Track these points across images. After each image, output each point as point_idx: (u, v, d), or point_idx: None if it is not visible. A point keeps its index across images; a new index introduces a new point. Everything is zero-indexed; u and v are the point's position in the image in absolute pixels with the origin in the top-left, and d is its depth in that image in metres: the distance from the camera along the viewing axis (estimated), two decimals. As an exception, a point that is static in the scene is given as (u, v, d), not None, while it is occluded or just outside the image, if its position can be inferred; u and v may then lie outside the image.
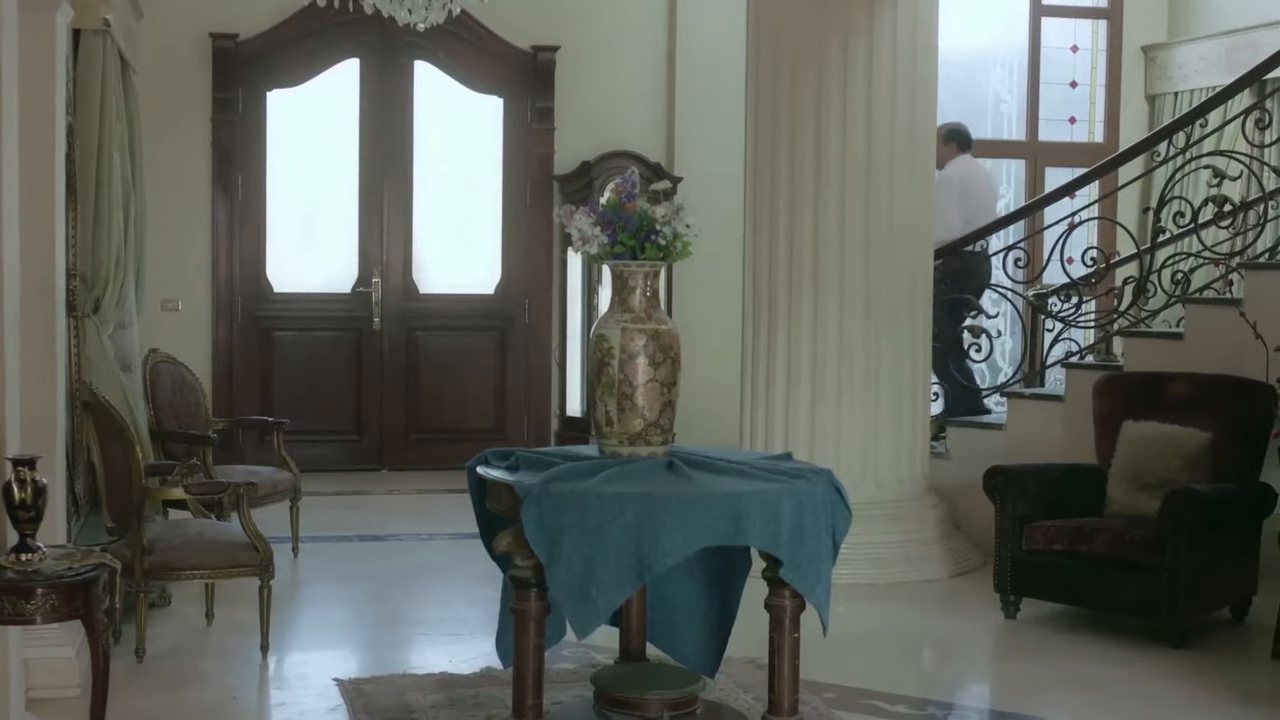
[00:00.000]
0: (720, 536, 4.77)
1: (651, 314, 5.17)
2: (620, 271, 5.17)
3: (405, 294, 11.62)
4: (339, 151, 11.50)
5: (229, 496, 6.93)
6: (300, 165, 11.48)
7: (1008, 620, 7.48)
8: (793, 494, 4.84)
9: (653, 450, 5.12)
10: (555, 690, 5.66)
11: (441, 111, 11.68)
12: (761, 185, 8.35)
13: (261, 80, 11.30)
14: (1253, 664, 6.82)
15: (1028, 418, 8.70)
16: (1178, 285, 8.76)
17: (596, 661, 6.19)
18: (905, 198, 8.26)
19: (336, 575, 8.23)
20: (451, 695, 5.99)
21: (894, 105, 8.18)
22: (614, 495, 4.71)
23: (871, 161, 8.14)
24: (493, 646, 5.52)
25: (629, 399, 5.09)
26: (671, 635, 5.62)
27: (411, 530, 9.42)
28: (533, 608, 4.95)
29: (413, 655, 6.91)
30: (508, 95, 11.72)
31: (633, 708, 5.10)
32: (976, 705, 6.36)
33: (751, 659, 6.06)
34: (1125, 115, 13.04)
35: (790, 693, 5.05)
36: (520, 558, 4.89)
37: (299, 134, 11.45)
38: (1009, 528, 7.47)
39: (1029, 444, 8.52)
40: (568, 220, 5.17)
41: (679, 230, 5.13)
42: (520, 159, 11.74)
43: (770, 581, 4.98)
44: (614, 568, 4.66)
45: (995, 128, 13.01)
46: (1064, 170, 12.10)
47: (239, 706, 5.99)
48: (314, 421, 11.09)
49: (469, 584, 7.70)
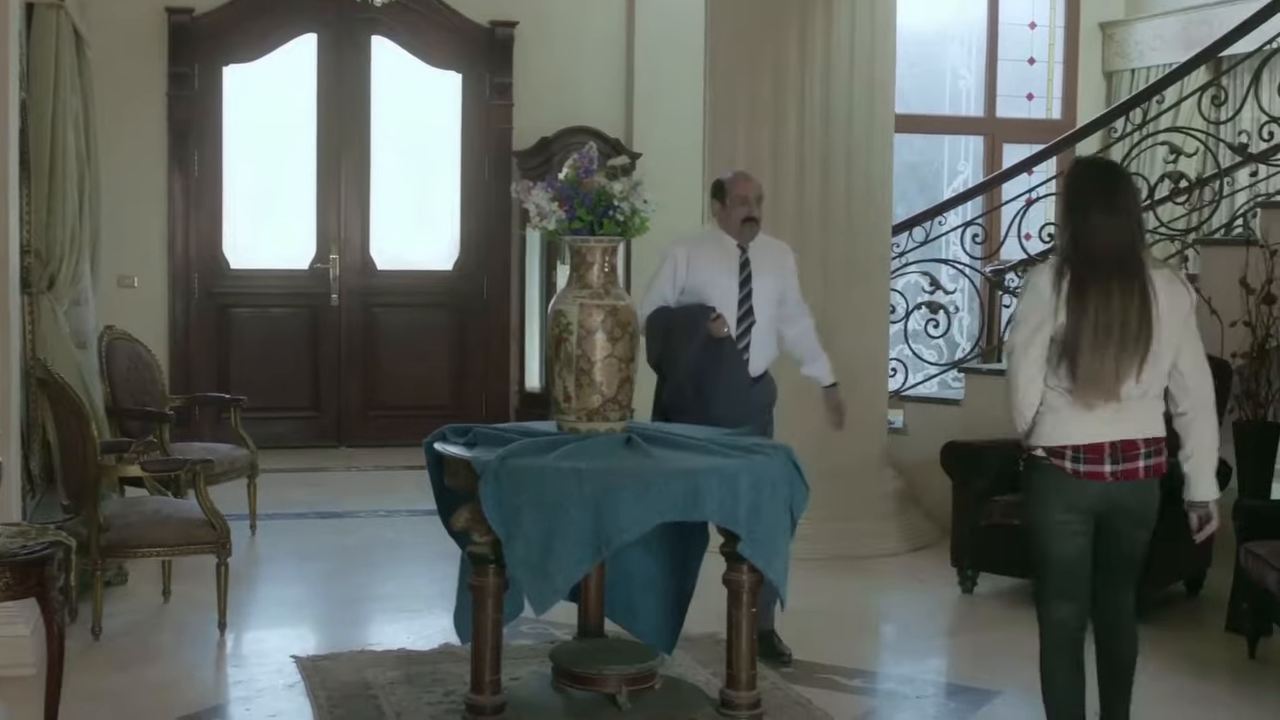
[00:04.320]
0: (678, 512, 4.78)
1: (609, 290, 5.17)
2: (578, 247, 5.16)
3: (363, 270, 11.57)
4: (296, 127, 11.43)
5: (185, 474, 6.92)
6: (257, 141, 11.40)
7: (964, 594, 7.52)
8: (750, 469, 4.85)
9: (611, 426, 5.12)
10: (513, 666, 5.65)
11: (399, 87, 11.61)
12: (719, 161, 8.34)
13: (218, 55, 11.21)
14: (1206, 636, 6.88)
15: (985, 393, 8.73)
16: (1134, 261, 8.79)
17: (555, 637, 6.20)
18: (862, 173, 8.28)
19: (294, 552, 8.21)
20: (410, 671, 6.00)
21: (852, 80, 8.19)
22: (572, 471, 4.71)
23: (829, 136, 8.16)
24: (451, 623, 5.52)
25: (587, 375, 5.09)
26: (629, 611, 5.63)
27: (370, 507, 9.40)
28: (491, 584, 4.95)
29: (371, 632, 6.90)
30: (466, 71, 11.67)
31: (591, 683, 5.11)
32: (933, 679, 6.39)
33: (710, 634, 6.07)
34: (1083, 92, 13.07)
35: (748, 667, 5.08)
36: (478, 534, 4.88)
37: (256, 109, 11.37)
38: (966, 502, 7.51)
39: (986, 419, 8.53)
40: (525, 196, 5.16)
41: (637, 206, 5.12)
42: (479, 135, 11.69)
43: (728, 557, 4.99)
44: (572, 543, 4.67)
45: (953, 104, 13.03)
46: (1022, 146, 12.12)
47: (196, 684, 5.97)
48: (271, 398, 11.03)
49: (427, 560, 7.69)
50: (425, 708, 5.57)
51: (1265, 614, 6.42)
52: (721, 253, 6.37)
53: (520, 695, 5.25)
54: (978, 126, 13.04)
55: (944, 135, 13.10)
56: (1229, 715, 5.82)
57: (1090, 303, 4.67)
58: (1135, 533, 4.97)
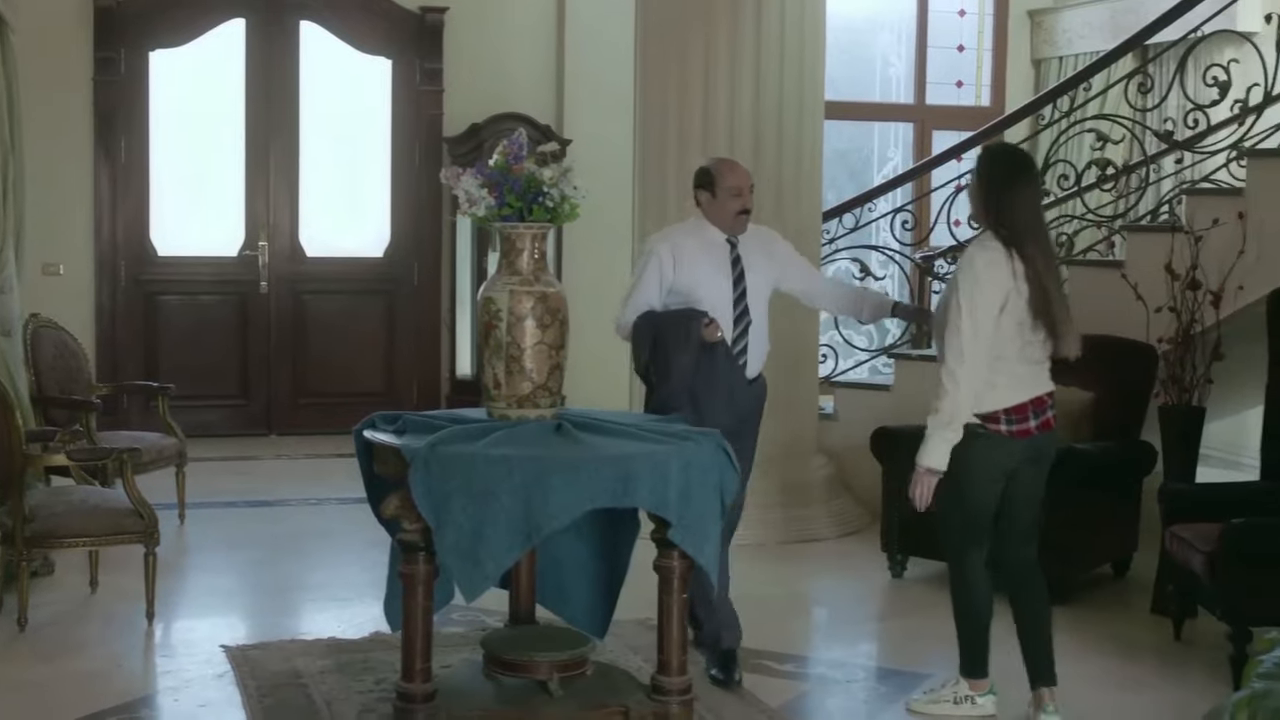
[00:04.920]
0: (608, 498, 4.78)
1: (539, 276, 5.16)
2: (507, 234, 5.16)
3: (292, 257, 11.49)
4: (224, 113, 11.33)
5: (112, 463, 6.85)
6: (185, 127, 11.29)
7: (894, 579, 7.58)
8: (681, 455, 4.86)
9: (541, 413, 5.12)
10: (444, 653, 5.65)
11: (329, 73, 11.53)
12: (650, 148, 8.36)
13: (144, 40, 11.10)
14: (1133, 618, 6.96)
15: (915, 379, 8.77)
16: (1061, 247, 8.88)
17: (486, 624, 6.19)
18: (793, 160, 8.30)
19: (223, 541, 8.16)
20: (340, 660, 5.98)
21: (782, 67, 8.21)
22: (501, 458, 4.70)
23: (759, 124, 8.17)
24: (381, 611, 5.49)
25: (517, 362, 5.08)
26: (561, 597, 5.63)
27: (300, 495, 9.35)
28: (421, 571, 4.93)
29: (301, 620, 6.88)
30: (396, 57, 11.61)
31: (522, 670, 5.10)
32: (864, 663, 6.43)
33: (641, 620, 6.08)
34: (1011, 79, 13.16)
35: (679, 653, 5.08)
36: (408, 521, 4.86)
37: (183, 95, 11.26)
38: (896, 488, 7.54)
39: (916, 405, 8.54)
40: (453, 182, 5.14)
41: (567, 192, 5.12)
42: (409, 121, 11.63)
43: (659, 543, 4.99)
44: (502, 530, 4.66)
45: (883, 91, 13.08)
46: (951, 133, 12.21)
47: (124, 674, 5.93)
48: (200, 386, 10.95)
49: (358, 548, 7.66)
50: (356, 696, 5.55)
51: (1190, 596, 6.50)
52: (709, 248, 5.96)
53: (451, 683, 5.23)
54: (907, 113, 13.10)
55: (874, 122, 13.16)
56: (1155, 697, 5.89)
57: (1040, 267, 5.22)
58: (1041, 479, 5.52)
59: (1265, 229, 7.19)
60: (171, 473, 8.35)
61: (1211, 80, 8.26)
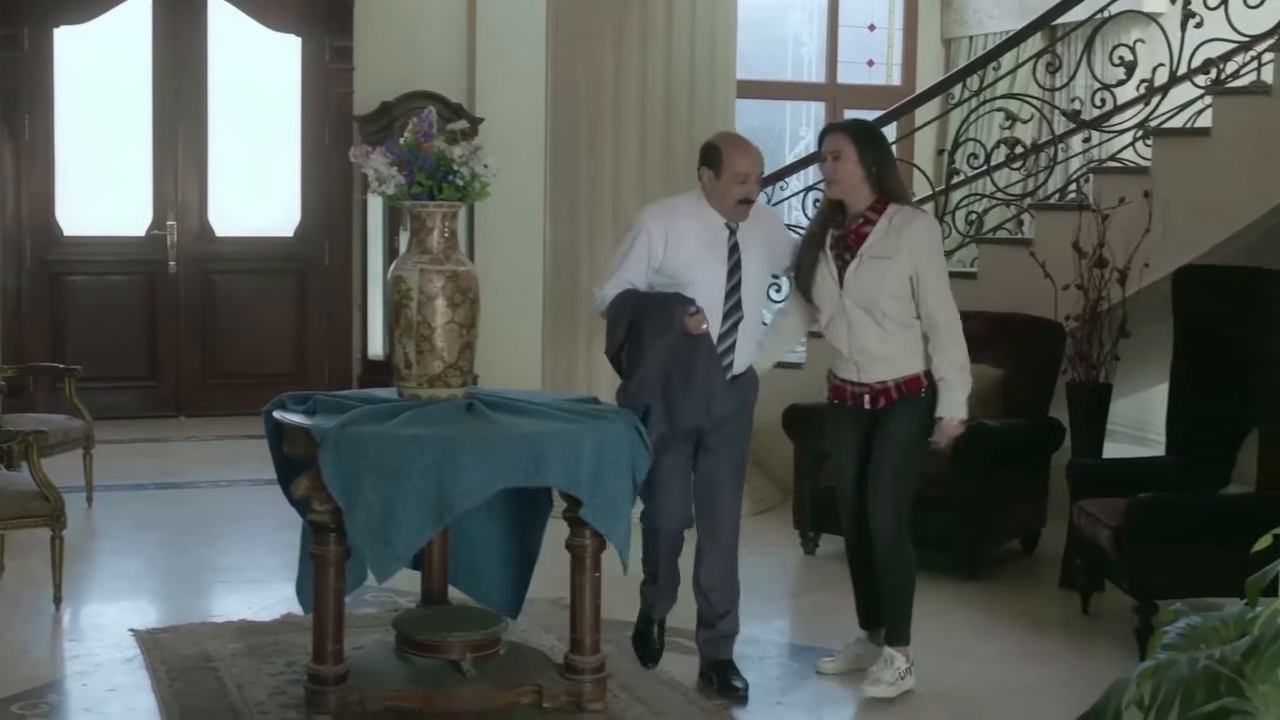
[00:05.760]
0: (520, 477, 4.78)
1: (450, 255, 5.14)
2: (417, 212, 5.13)
3: (201, 236, 11.36)
4: (131, 90, 11.16)
5: (18, 445, 6.75)
6: (91, 105, 11.11)
7: (807, 555, 7.62)
8: (593, 434, 4.86)
9: (452, 392, 5.10)
10: (357, 635, 5.63)
11: (237, 50, 11.38)
12: (561, 126, 8.33)
13: (48, 16, 10.91)
14: (1042, 592, 7.05)
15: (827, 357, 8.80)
16: (971, 226, 8.95)
17: (399, 605, 6.16)
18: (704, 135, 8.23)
19: (132, 524, 8.07)
20: (251, 642, 5.94)
21: (693, 46, 8.21)
22: (412, 438, 4.69)
23: (671, 103, 8.17)
24: (293, 593, 5.47)
25: (428, 341, 5.06)
26: (474, 577, 5.62)
27: (210, 477, 9.27)
28: (332, 552, 4.91)
29: (212, 603, 6.82)
30: (305, 34, 11.49)
31: (434, 650, 5.10)
32: (777, 639, 6.46)
33: (554, 599, 6.08)
34: (922, 58, 13.23)
35: (592, 632, 5.11)
36: (318, 502, 4.84)
37: (89, 73, 11.09)
38: (807, 465, 7.60)
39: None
40: (363, 161, 5.12)
41: (477, 170, 5.10)
42: (319, 99, 11.53)
43: (571, 522, 5.00)
44: (413, 510, 4.65)
45: (795, 70, 13.13)
46: (862, 112, 12.17)
47: (31, 660, 5.86)
48: (107, 368, 10.80)
49: (269, 530, 7.60)
50: (267, 679, 5.51)
51: (1098, 570, 6.58)
52: (706, 230, 5.47)
53: (363, 664, 5.22)
54: (819, 92, 13.15)
55: (786, 101, 13.20)
56: (1064, 670, 5.95)
57: None
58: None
59: (1170, 207, 7.28)
60: (79, 455, 8.23)
61: (1118, 60, 8.33)
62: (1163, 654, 3.07)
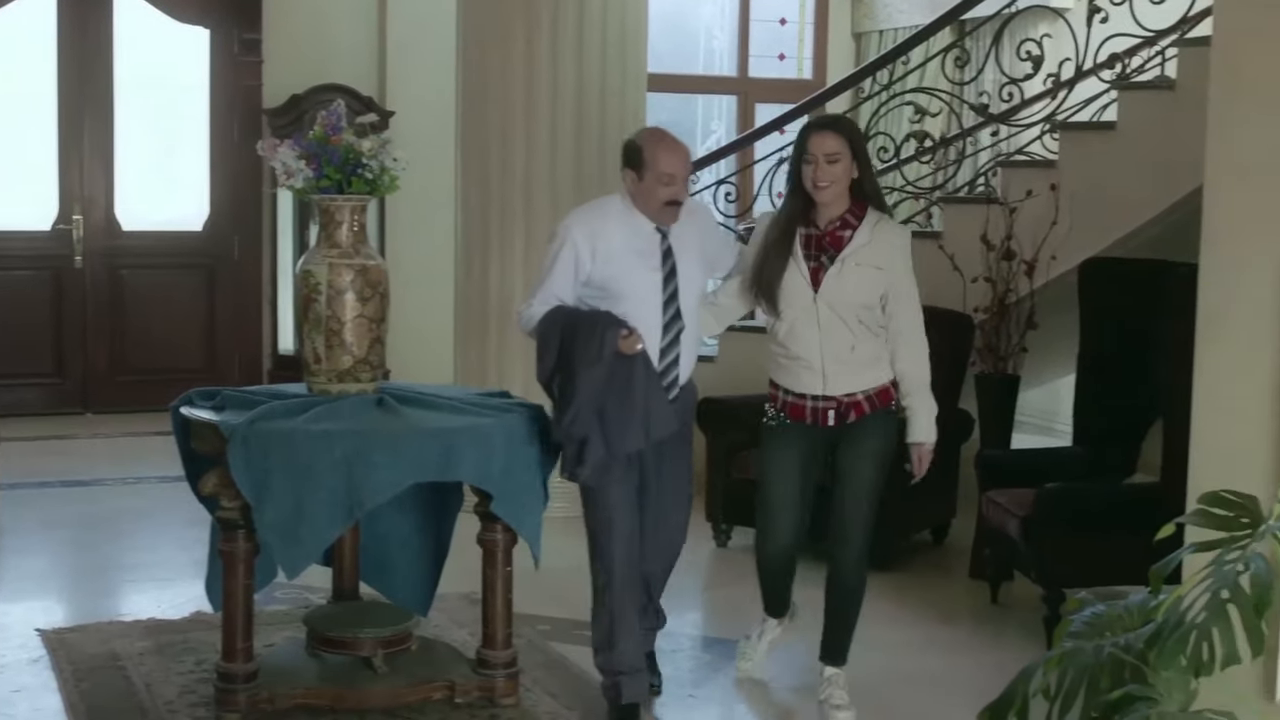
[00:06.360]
0: (431, 472, 4.77)
1: (359, 249, 5.12)
2: (326, 206, 5.10)
3: (108, 231, 11.23)
4: (36, 83, 11.01)
5: (-81, 443, 6.67)
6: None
7: (719, 548, 7.65)
8: (504, 429, 4.86)
9: (362, 387, 5.08)
10: (267, 632, 5.60)
11: (144, 42, 11.25)
12: (471, 119, 8.29)
13: (-51, 8, 10.78)
14: (952, 583, 7.11)
15: (739, 349, 8.83)
16: (881, 219, 8.99)
17: (309, 602, 6.13)
18: (616, 132, 8.27)
19: (39, 523, 7.97)
20: (160, 641, 5.89)
21: (604, 39, 8.19)
22: (322, 433, 4.67)
23: (582, 96, 8.15)
24: (203, 590, 5.43)
25: (337, 335, 5.04)
26: (384, 573, 5.60)
27: (118, 474, 9.16)
28: (241, 549, 4.87)
29: (120, 602, 6.75)
30: (213, 26, 11.38)
31: (345, 647, 5.09)
32: (689, 632, 6.48)
33: (466, 594, 6.06)
34: (833, 52, 13.26)
35: (504, 626, 5.11)
36: (227, 499, 4.81)
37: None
38: (720, 458, 7.62)
39: (740, 375, 8.64)
40: (269, 154, 5.08)
41: (386, 164, 5.09)
42: (228, 92, 11.42)
43: (482, 516, 5.00)
44: (323, 506, 4.63)
45: (706, 63, 13.13)
46: (774, 106, 12.27)
47: (-67, 662, 5.78)
48: (11, 364, 10.68)
49: (178, 527, 7.53)
50: (176, 678, 5.46)
51: (1006, 560, 6.65)
52: (635, 236, 5.07)
53: (273, 662, 5.19)
54: (730, 86, 13.16)
55: (697, 95, 13.20)
56: (974, 659, 6.01)
57: None
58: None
59: (1077, 200, 7.35)
60: (-17, 453, 8.15)
61: (1025, 55, 8.41)
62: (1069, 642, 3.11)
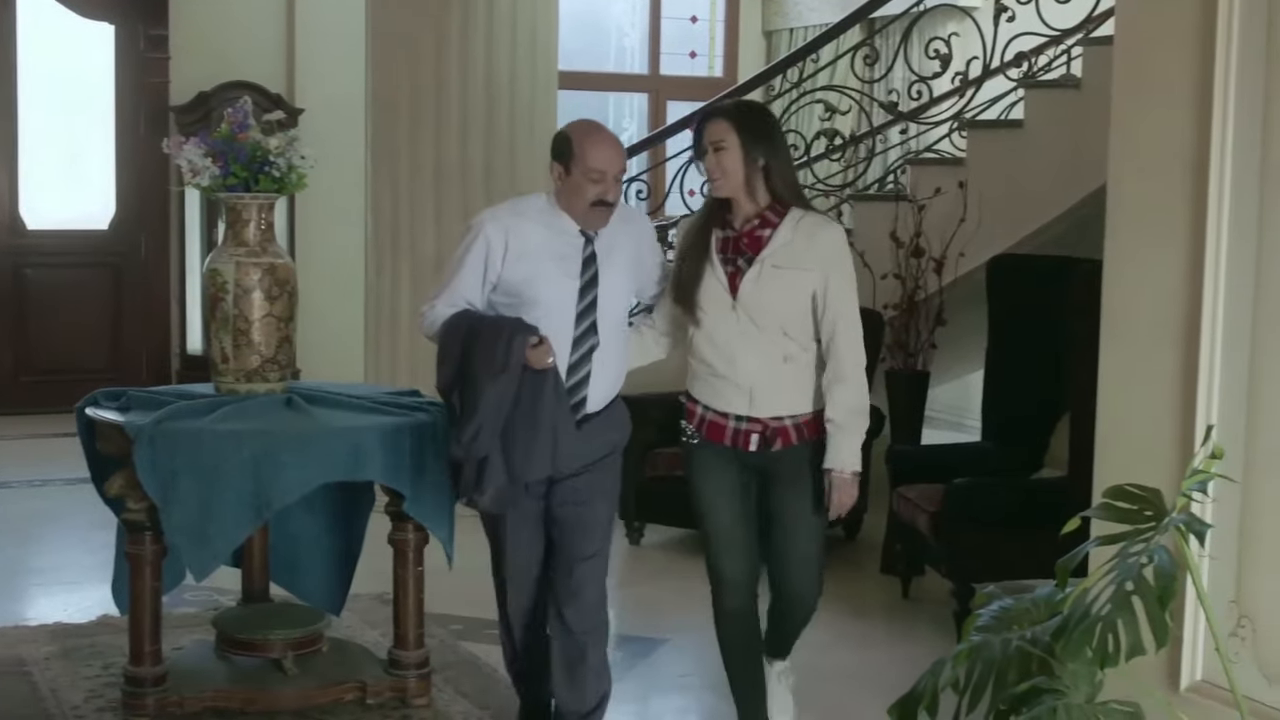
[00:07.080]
0: (341, 472, 4.74)
1: (267, 247, 5.08)
2: (233, 204, 5.06)
3: (11, 230, 11.07)
4: (-64, 80, 10.89)
5: None
6: (-107, 94, 10.82)
7: (632, 546, 7.64)
8: (414, 428, 4.83)
9: (270, 387, 5.03)
10: (176, 635, 5.54)
11: (47, 38, 11.11)
12: (381, 117, 8.26)
13: None
14: (864, 578, 7.14)
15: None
16: (792, 216, 9.03)
17: (219, 603, 6.06)
18: (526, 130, 8.28)
19: (-59, 526, 7.86)
20: (67, 645, 5.81)
21: (514, 37, 8.20)
22: (230, 433, 4.62)
23: (492, 94, 8.15)
24: (109, 593, 5.35)
25: (245, 335, 4.99)
26: (295, 573, 5.55)
27: (22, 477, 9.04)
28: (148, 551, 4.82)
29: (26, 606, 6.65)
30: (119, 22, 11.25)
31: (255, 649, 5.05)
32: (601, 630, 6.46)
33: (378, 595, 6.03)
34: (744, 50, 13.31)
35: (415, 626, 5.08)
36: (133, 500, 4.75)
37: (-110, 61, 10.79)
38: (631, 456, 7.59)
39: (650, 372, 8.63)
40: (175, 152, 5.04)
41: (294, 161, 5.05)
42: (134, 89, 11.28)
43: (393, 516, 4.97)
44: (232, 507, 4.59)
45: (618, 61, 13.14)
46: (685, 103, 12.30)
47: None
48: (-86, 365, 10.53)
49: (83, 530, 7.42)
50: (83, 682, 5.39)
51: (917, 555, 6.70)
52: (555, 238, 4.53)
53: (182, 665, 5.14)
54: (642, 84, 13.18)
55: (609, 93, 13.21)
56: (885, 653, 6.05)
57: None
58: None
59: (985, 198, 7.42)
60: (-117, 456, 8.01)
61: (934, 53, 8.47)
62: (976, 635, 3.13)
